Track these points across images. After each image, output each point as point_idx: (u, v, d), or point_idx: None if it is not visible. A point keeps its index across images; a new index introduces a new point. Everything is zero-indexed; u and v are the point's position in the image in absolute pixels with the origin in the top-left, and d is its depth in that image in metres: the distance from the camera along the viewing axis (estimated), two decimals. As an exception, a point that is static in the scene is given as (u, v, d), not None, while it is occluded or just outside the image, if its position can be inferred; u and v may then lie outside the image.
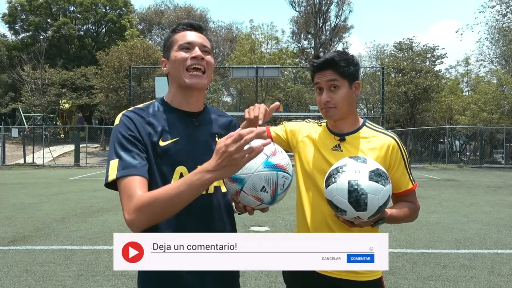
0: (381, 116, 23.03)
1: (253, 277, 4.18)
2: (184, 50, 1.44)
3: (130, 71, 23.85)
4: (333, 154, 1.68)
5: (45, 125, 28.43)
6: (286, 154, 1.36)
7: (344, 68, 1.63)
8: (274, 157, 1.30)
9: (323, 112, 1.68)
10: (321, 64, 1.65)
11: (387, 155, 1.64)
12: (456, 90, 34.50)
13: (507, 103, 25.96)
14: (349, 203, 1.38)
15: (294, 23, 41.28)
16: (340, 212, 1.44)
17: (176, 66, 1.43)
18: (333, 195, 1.42)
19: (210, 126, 1.51)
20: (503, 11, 29.80)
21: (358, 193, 1.38)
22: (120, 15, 37.92)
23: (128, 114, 1.40)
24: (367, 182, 1.39)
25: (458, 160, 26.01)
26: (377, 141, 1.66)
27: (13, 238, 5.71)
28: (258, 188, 1.28)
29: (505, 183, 14.24)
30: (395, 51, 30.92)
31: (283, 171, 1.30)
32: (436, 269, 4.46)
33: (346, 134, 1.70)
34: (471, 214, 7.76)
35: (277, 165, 1.29)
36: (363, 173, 1.40)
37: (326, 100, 1.63)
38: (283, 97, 34.62)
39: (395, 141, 1.67)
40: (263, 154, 1.28)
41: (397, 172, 1.67)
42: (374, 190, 1.38)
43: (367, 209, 1.39)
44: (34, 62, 30.46)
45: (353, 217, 1.42)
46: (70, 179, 14.94)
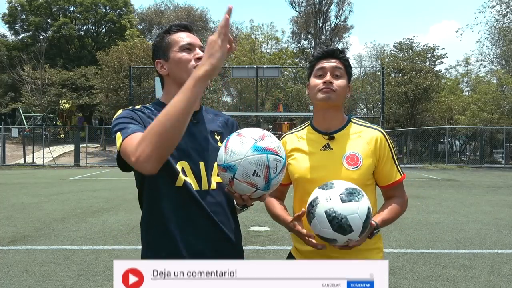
0: (381, 116, 23.03)
1: (253, 277, 4.18)
2: (186, 51, 1.45)
3: (130, 71, 23.86)
4: (323, 154, 1.68)
5: (45, 125, 28.44)
6: (276, 138, 1.35)
7: (348, 63, 1.71)
8: (262, 141, 1.29)
9: (321, 94, 1.64)
10: (331, 51, 1.69)
11: (377, 148, 1.67)
12: (456, 90, 34.50)
13: (507, 103, 25.97)
14: (335, 231, 1.40)
15: (294, 23, 41.30)
16: (331, 242, 1.45)
17: (181, 66, 1.45)
18: (318, 229, 1.44)
19: (209, 124, 1.54)
20: (503, 11, 29.85)
21: (338, 219, 1.39)
22: (120, 15, 37.92)
23: (132, 108, 1.46)
24: (341, 205, 1.40)
25: (458, 160, 26.02)
26: (365, 136, 1.68)
27: (13, 238, 5.71)
28: (249, 173, 1.27)
29: (505, 183, 14.24)
30: (395, 51, 30.93)
31: (273, 154, 1.29)
32: (436, 269, 4.46)
33: (334, 132, 1.70)
34: (471, 214, 7.76)
35: (266, 148, 1.28)
36: (334, 199, 1.42)
37: (330, 80, 1.64)
38: (283, 97, 34.66)
39: (382, 134, 1.70)
40: (251, 138, 1.29)
41: (387, 164, 1.69)
42: (351, 210, 1.40)
43: (353, 230, 1.40)
44: (34, 62, 30.47)
45: (345, 241, 1.43)
46: (70, 179, 14.94)
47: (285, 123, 30.58)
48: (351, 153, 1.65)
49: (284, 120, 31.68)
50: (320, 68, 1.67)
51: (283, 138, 1.85)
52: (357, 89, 34.53)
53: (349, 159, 1.65)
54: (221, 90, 38.22)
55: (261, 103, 33.67)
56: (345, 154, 1.65)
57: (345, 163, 1.64)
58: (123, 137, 1.29)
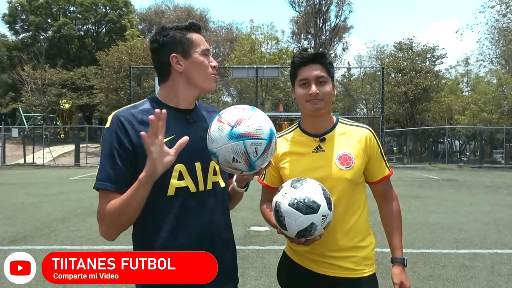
0: (381, 116, 23.03)
1: (253, 277, 4.18)
2: (205, 56, 1.48)
3: (130, 71, 23.87)
4: (316, 156, 1.69)
5: (45, 125, 28.44)
6: (256, 119, 1.30)
7: (331, 65, 1.69)
8: (239, 126, 1.28)
9: (309, 105, 1.66)
10: (312, 56, 1.67)
11: (367, 146, 1.70)
12: (456, 90, 34.45)
13: (507, 103, 25.95)
14: (307, 214, 1.44)
15: (294, 23, 41.27)
16: (312, 230, 1.46)
17: (201, 71, 1.47)
18: (294, 226, 1.47)
19: (204, 122, 1.52)
20: (503, 11, 29.82)
21: (279, 214, 1.47)
22: (120, 15, 37.89)
23: (120, 116, 1.40)
24: (297, 191, 1.46)
25: (458, 160, 25.99)
26: (355, 135, 1.72)
27: (13, 238, 5.72)
28: (229, 160, 1.29)
29: (505, 183, 14.24)
30: (395, 51, 30.90)
31: (251, 138, 1.27)
32: (436, 269, 4.46)
33: (324, 133, 1.72)
34: (471, 214, 7.76)
35: (242, 134, 1.27)
36: (289, 191, 1.48)
37: (316, 92, 1.64)
38: (283, 97, 34.63)
39: (370, 132, 1.74)
40: (227, 125, 1.28)
41: (376, 161, 1.74)
42: (291, 215, 1.44)
43: (287, 230, 1.47)
44: (34, 62, 30.48)
45: (321, 220, 1.45)
46: (70, 179, 14.95)
47: (285, 123, 30.54)
48: (343, 153, 1.68)
49: (284, 120, 31.65)
50: (303, 78, 1.66)
51: None
52: (357, 89, 34.52)
53: (341, 159, 1.67)
54: (221, 90, 38.25)
55: (261, 103, 33.65)
56: (337, 155, 1.67)
57: (338, 163, 1.66)
58: (95, 185, 1.37)
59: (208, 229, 1.45)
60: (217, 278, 1.36)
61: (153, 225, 1.40)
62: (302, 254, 1.71)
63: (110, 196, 1.34)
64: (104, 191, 1.35)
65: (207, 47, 1.49)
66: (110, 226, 1.35)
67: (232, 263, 1.56)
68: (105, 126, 1.44)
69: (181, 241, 1.39)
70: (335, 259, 1.65)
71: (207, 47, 1.50)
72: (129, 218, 1.34)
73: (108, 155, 1.37)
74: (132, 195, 1.29)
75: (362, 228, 1.71)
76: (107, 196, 1.35)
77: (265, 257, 4.87)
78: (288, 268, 1.79)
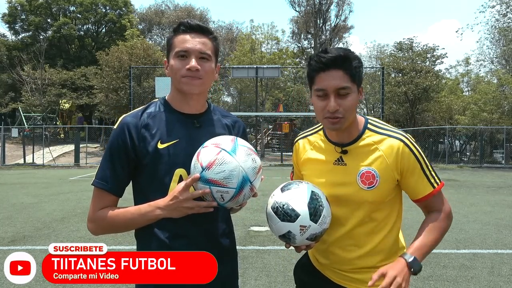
0: (381, 116, 23.07)
1: (253, 277, 4.18)
2: (180, 58, 1.41)
3: (130, 71, 23.86)
4: (337, 169, 1.50)
5: (45, 125, 28.41)
6: (227, 166, 1.25)
7: (357, 69, 1.39)
8: (208, 171, 1.26)
9: (327, 122, 1.41)
10: (332, 60, 1.35)
11: (398, 162, 1.44)
12: (456, 90, 34.44)
13: (507, 103, 25.93)
14: (283, 221, 1.40)
15: (294, 23, 41.29)
16: (289, 238, 1.43)
17: (173, 73, 1.43)
18: (275, 230, 1.46)
19: (212, 127, 1.49)
20: (503, 11, 29.81)
21: (281, 208, 1.40)
22: (120, 15, 37.89)
23: (127, 120, 1.41)
24: (281, 194, 1.43)
25: (458, 160, 25.97)
26: (383, 147, 1.45)
27: (13, 238, 5.71)
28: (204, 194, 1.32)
29: (505, 183, 14.23)
30: (395, 51, 30.89)
31: (216, 186, 1.25)
32: (436, 269, 4.46)
33: (347, 144, 1.49)
34: (471, 214, 7.76)
35: (209, 179, 1.26)
36: (276, 193, 1.45)
37: (335, 108, 1.36)
38: (283, 97, 34.63)
39: (403, 144, 1.45)
40: (200, 166, 1.28)
41: (413, 177, 1.46)
42: (271, 218, 1.44)
43: (300, 214, 1.38)
44: (34, 62, 30.43)
45: (299, 231, 1.38)
46: (70, 179, 14.94)
47: (285, 123, 30.58)
48: (367, 169, 1.45)
49: (284, 120, 31.65)
50: (321, 89, 1.39)
51: (296, 141, 1.69)
52: (357, 89, 34.44)
53: (364, 177, 1.45)
54: (221, 90, 38.26)
55: (261, 103, 33.65)
56: (360, 172, 1.45)
57: (359, 181, 1.45)
58: (92, 182, 1.42)
59: (208, 236, 1.43)
60: (215, 286, 1.35)
61: (153, 229, 1.40)
62: (321, 263, 1.63)
63: (105, 196, 1.39)
64: (100, 190, 1.40)
65: (182, 48, 1.39)
66: (106, 230, 1.43)
67: (232, 271, 1.53)
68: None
69: (179, 248, 1.38)
70: (353, 273, 1.55)
71: (184, 48, 1.39)
72: (129, 230, 1.44)
73: (109, 157, 1.40)
74: (141, 216, 1.37)
75: (388, 249, 1.54)
76: (102, 196, 1.40)
77: (265, 257, 4.86)
78: (307, 268, 1.70)
